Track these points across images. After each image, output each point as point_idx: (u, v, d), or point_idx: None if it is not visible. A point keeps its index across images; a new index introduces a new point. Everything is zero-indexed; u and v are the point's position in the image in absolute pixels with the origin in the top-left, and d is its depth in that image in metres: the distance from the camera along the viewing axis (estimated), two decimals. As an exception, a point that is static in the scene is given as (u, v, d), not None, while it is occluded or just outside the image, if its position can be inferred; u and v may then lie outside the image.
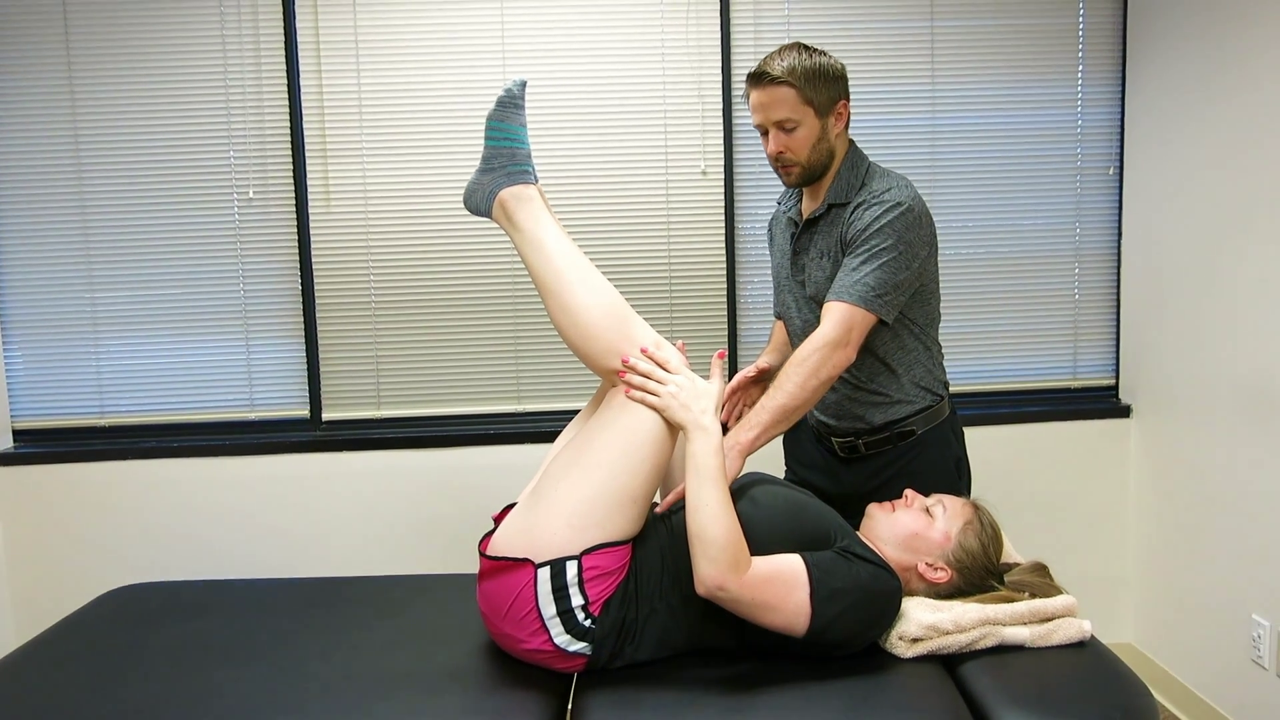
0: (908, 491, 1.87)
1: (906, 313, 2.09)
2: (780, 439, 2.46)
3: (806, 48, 2.04)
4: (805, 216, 2.16)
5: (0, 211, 2.86)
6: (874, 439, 2.15)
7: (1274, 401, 2.43)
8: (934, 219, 2.10)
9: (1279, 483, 2.43)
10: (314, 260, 2.92)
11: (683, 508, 1.76)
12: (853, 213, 2.04)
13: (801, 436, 2.36)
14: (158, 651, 1.89)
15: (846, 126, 2.10)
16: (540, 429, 2.95)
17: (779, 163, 2.08)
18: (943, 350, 2.22)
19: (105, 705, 1.68)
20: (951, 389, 3.09)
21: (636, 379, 1.74)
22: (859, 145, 2.19)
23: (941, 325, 3.01)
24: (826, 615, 1.60)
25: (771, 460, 2.45)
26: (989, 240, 3.04)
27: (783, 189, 2.33)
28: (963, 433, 2.26)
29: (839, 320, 1.96)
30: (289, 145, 2.88)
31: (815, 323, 2.12)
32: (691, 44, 2.91)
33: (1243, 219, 2.52)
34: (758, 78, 2.03)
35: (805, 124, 2.03)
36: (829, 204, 2.09)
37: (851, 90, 3.08)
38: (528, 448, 2.94)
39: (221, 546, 2.92)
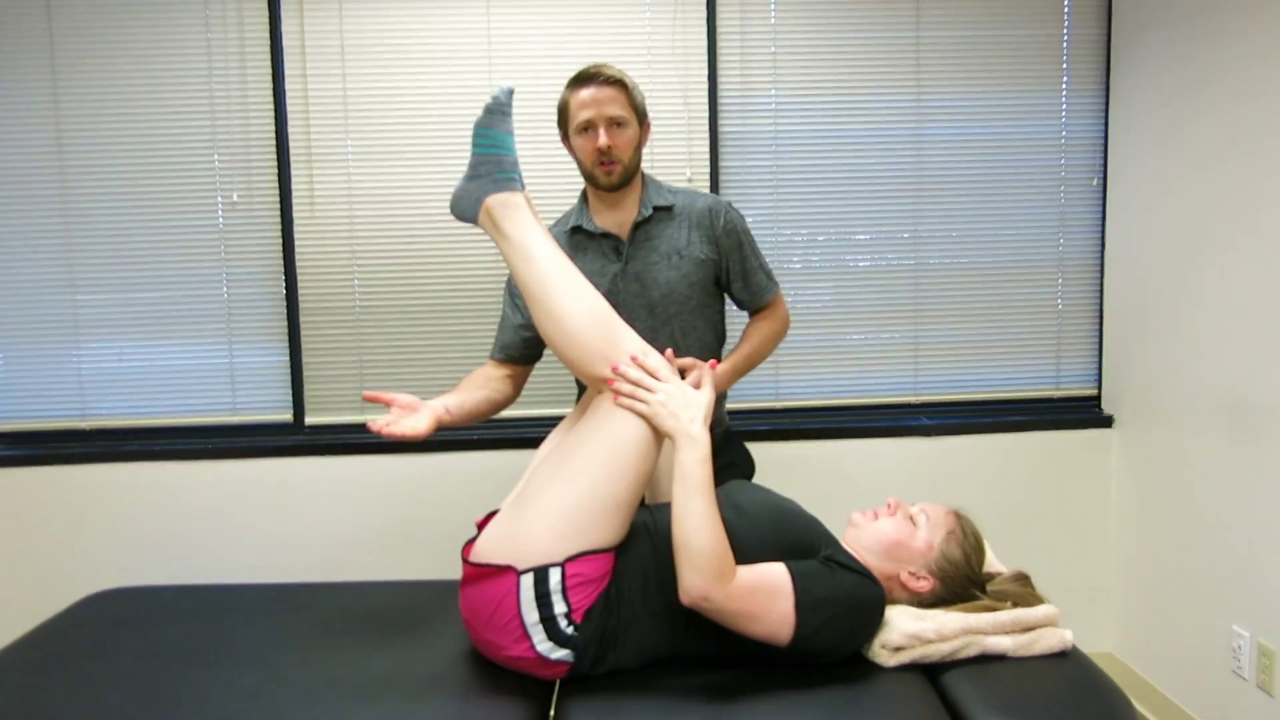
0: (891, 500, 1.87)
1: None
2: None
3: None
4: (630, 225, 2.22)
5: (-19, 212, 2.85)
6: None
7: (1256, 413, 2.45)
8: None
9: (1260, 493, 2.45)
10: (298, 264, 2.91)
11: (665, 515, 1.76)
12: (705, 218, 2.22)
13: None
14: (137, 656, 1.88)
15: None
16: (524, 435, 2.94)
17: (606, 158, 2.14)
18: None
19: (84, 710, 1.66)
20: (933, 398, 3.14)
21: (626, 386, 1.73)
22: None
23: (923, 333, 3.08)
24: (810, 625, 1.61)
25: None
26: (972, 250, 3.05)
27: (561, 215, 2.37)
28: None
29: (778, 305, 2.35)
30: (274, 149, 2.87)
31: (656, 329, 2.20)
32: (678, 52, 2.91)
33: (1225, 231, 2.54)
34: (591, 77, 2.13)
35: (631, 126, 2.15)
36: (655, 207, 2.21)
37: (837, 99, 3.12)
38: (511, 454, 2.93)
39: (203, 550, 2.91)
